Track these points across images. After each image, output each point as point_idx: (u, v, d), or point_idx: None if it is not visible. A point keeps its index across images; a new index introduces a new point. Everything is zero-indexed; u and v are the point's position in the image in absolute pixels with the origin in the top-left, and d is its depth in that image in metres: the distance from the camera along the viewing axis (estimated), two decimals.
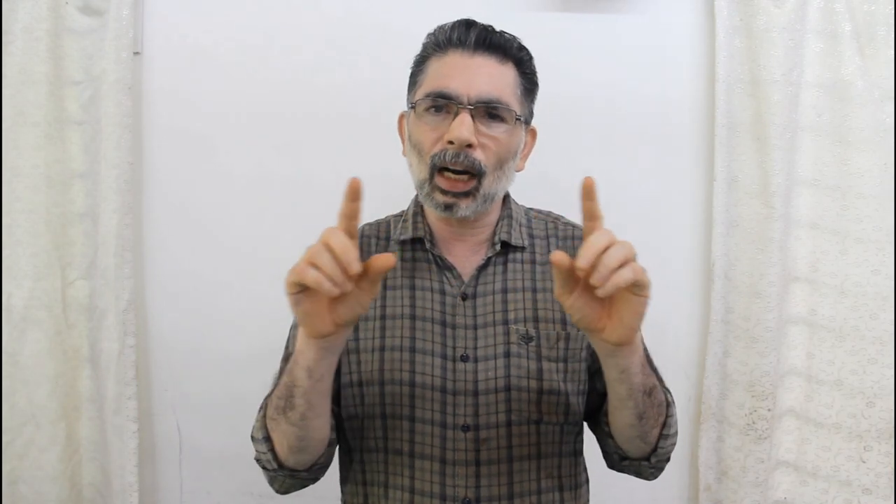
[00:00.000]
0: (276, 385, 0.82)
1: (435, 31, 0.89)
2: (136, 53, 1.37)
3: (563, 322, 0.89)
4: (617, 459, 0.90)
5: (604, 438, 0.91)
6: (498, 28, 0.89)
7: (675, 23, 1.38)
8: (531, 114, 0.93)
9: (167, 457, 1.42)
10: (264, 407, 0.84)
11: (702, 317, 1.37)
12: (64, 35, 1.32)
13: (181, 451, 1.41)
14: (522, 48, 0.89)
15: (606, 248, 0.62)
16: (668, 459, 0.89)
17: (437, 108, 0.85)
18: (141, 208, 1.39)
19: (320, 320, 0.67)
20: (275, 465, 0.81)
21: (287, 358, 0.94)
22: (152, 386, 1.41)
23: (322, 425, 0.79)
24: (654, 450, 0.85)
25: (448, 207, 0.85)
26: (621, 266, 0.62)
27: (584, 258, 0.62)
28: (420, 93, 0.87)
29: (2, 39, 1.30)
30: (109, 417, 1.34)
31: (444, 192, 0.84)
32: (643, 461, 0.87)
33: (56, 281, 1.32)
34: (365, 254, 0.95)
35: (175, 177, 1.40)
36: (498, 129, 0.85)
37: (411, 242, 0.94)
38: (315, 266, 0.62)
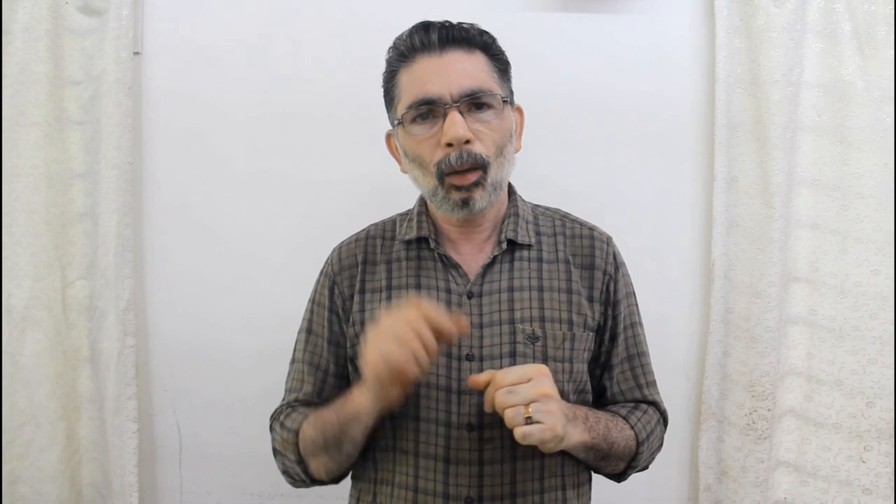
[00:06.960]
0: (295, 413, 0.90)
1: (395, 42, 0.90)
2: (136, 53, 1.37)
3: (570, 322, 0.89)
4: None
5: None
6: (502, 27, 0.91)
7: (675, 23, 1.38)
8: (511, 93, 0.93)
9: (167, 457, 1.42)
10: (290, 431, 0.88)
11: (702, 317, 1.37)
12: (64, 35, 1.32)
13: (181, 451, 1.41)
14: (483, 33, 0.89)
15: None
16: (642, 469, 0.97)
17: (424, 116, 0.85)
18: (141, 208, 1.39)
19: (396, 392, 0.76)
20: (305, 478, 0.89)
21: (294, 360, 0.97)
22: (152, 386, 1.41)
23: (358, 447, 0.87)
24: (623, 473, 0.94)
25: (465, 203, 0.85)
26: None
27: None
28: (402, 107, 0.87)
29: (2, 39, 1.30)
30: (109, 417, 1.34)
31: (458, 188, 0.85)
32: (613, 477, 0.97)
33: (56, 281, 1.32)
34: (370, 255, 0.95)
35: (175, 177, 1.40)
36: (488, 117, 0.86)
37: (416, 242, 0.94)
38: (407, 351, 0.71)
